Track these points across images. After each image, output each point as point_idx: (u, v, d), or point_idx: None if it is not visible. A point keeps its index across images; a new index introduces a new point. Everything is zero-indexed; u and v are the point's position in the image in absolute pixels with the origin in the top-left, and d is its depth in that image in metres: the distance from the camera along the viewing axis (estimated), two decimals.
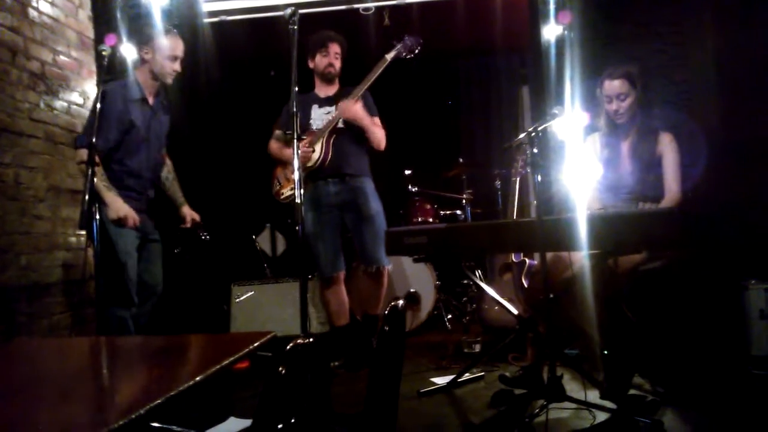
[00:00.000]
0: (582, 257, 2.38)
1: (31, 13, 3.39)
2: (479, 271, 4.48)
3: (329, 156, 3.27)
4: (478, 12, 4.56)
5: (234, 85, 5.46)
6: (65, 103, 3.64)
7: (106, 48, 2.59)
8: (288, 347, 1.00)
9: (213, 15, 4.21)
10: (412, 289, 4.24)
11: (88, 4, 3.92)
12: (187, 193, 3.15)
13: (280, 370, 0.95)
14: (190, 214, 3.08)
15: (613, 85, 2.77)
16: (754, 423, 2.34)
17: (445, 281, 4.73)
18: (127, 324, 2.70)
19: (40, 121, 3.41)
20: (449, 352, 3.63)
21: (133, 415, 0.83)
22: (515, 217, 3.59)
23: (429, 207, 4.69)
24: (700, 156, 3.17)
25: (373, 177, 3.45)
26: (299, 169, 2.42)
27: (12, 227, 3.14)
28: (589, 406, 2.33)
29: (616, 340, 2.48)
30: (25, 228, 3.25)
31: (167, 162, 3.12)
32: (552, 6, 3.74)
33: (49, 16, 3.53)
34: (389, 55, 3.34)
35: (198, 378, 1.02)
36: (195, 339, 1.77)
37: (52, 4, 3.55)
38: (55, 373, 1.29)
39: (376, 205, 3.36)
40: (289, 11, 2.48)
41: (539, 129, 2.45)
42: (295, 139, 2.45)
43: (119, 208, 2.65)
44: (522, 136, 2.52)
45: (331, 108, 3.37)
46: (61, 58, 3.62)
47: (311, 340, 1.08)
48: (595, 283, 2.38)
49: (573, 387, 2.59)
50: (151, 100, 2.88)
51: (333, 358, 3.37)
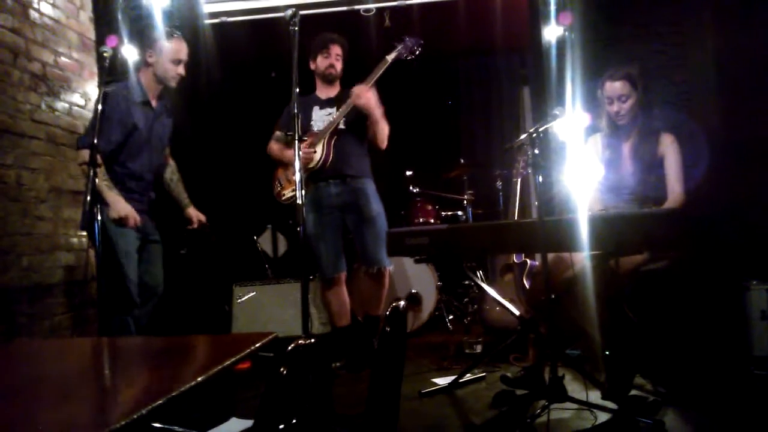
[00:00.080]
0: (583, 258, 2.38)
1: (33, 14, 3.39)
2: (480, 271, 4.48)
3: (330, 157, 3.27)
4: (478, 12, 4.57)
5: (235, 86, 5.47)
6: (66, 105, 3.64)
7: (107, 49, 2.58)
8: (289, 348, 1.00)
9: (214, 16, 4.21)
10: (413, 290, 4.25)
11: (89, 5, 3.93)
12: (188, 194, 3.15)
13: (282, 370, 0.95)
14: (196, 215, 3.08)
15: (614, 87, 2.77)
16: (755, 423, 2.34)
17: (446, 282, 4.72)
18: (129, 325, 2.70)
19: (42, 123, 3.42)
20: (450, 352, 3.63)
21: (135, 416, 0.83)
22: (516, 217, 3.59)
23: (430, 208, 4.69)
24: (701, 156, 3.16)
25: (374, 178, 3.45)
26: (300, 170, 2.42)
27: (14, 228, 3.15)
28: (590, 406, 2.33)
29: (618, 341, 2.48)
30: (27, 229, 3.25)
31: (171, 163, 3.11)
32: (552, 7, 3.75)
33: (51, 18, 3.54)
34: (390, 56, 3.34)
35: (199, 378, 1.02)
36: (196, 339, 1.77)
37: (53, 5, 3.56)
38: (57, 373, 1.29)
39: (377, 206, 3.36)
40: (290, 12, 2.49)
41: (540, 130, 2.45)
42: (297, 141, 2.45)
43: (121, 207, 2.65)
44: (523, 136, 2.53)
45: (332, 109, 3.37)
46: (63, 59, 3.63)
47: (312, 340, 1.08)
48: (597, 283, 2.38)
49: (574, 387, 2.59)
50: (154, 103, 2.88)
51: (334, 358, 3.37)
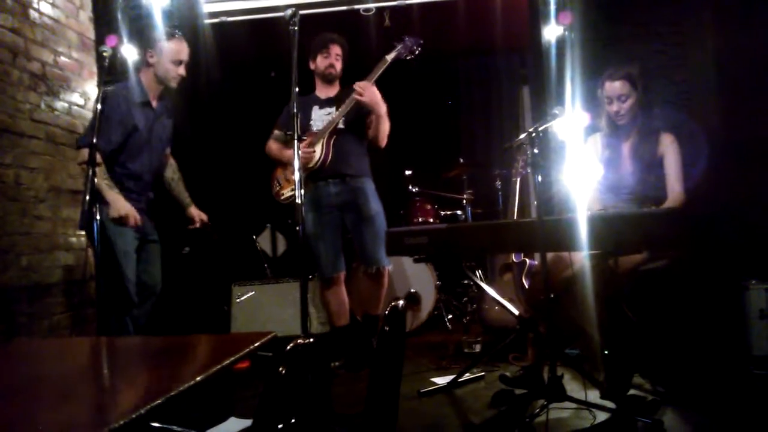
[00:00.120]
0: (582, 257, 2.38)
1: (32, 14, 3.39)
2: (480, 271, 4.48)
3: (329, 157, 3.27)
4: (478, 12, 4.56)
5: (234, 86, 5.47)
6: (66, 104, 3.64)
7: (106, 49, 2.58)
8: (288, 347, 1.00)
9: (214, 16, 4.21)
10: (412, 290, 4.25)
11: (88, 5, 3.93)
12: (188, 194, 3.15)
13: (281, 370, 0.95)
14: (198, 215, 3.08)
15: (614, 87, 2.77)
16: (754, 423, 2.34)
17: (445, 281, 4.72)
18: (127, 324, 2.70)
19: (41, 122, 3.41)
20: (449, 352, 3.63)
21: (134, 415, 0.83)
22: (516, 217, 3.59)
23: (429, 207, 4.69)
24: (701, 156, 3.16)
25: (374, 177, 3.45)
26: (300, 169, 2.42)
27: (13, 228, 3.15)
28: (589, 406, 2.33)
29: (617, 340, 2.48)
30: (26, 228, 3.25)
31: (172, 162, 3.11)
32: (552, 7, 3.75)
33: (50, 17, 3.53)
34: (389, 56, 3.34)
35: (198, 378, 1.02)
36: (195, 339, 1.78)
37: (52, 5, 3.56)
38: (56, 373, 1.29)
39: (376, 206, 3.36)
40: (289, 12, 2.48)
41: (540, 129, 2.45)
42: (296, 140, 2.45)
43: (121, 206, 2.65)
44: (522, 136, 2.52)
45: (331, 109, 3.37)
46: (62, 59, 3.63)
47: (312, 340, 1.08)
48: (596, 283, 2.38)
49: (573, 387, 2.59)
50: (154, 104, 2.87)
51: (333, 358, 3.37)
